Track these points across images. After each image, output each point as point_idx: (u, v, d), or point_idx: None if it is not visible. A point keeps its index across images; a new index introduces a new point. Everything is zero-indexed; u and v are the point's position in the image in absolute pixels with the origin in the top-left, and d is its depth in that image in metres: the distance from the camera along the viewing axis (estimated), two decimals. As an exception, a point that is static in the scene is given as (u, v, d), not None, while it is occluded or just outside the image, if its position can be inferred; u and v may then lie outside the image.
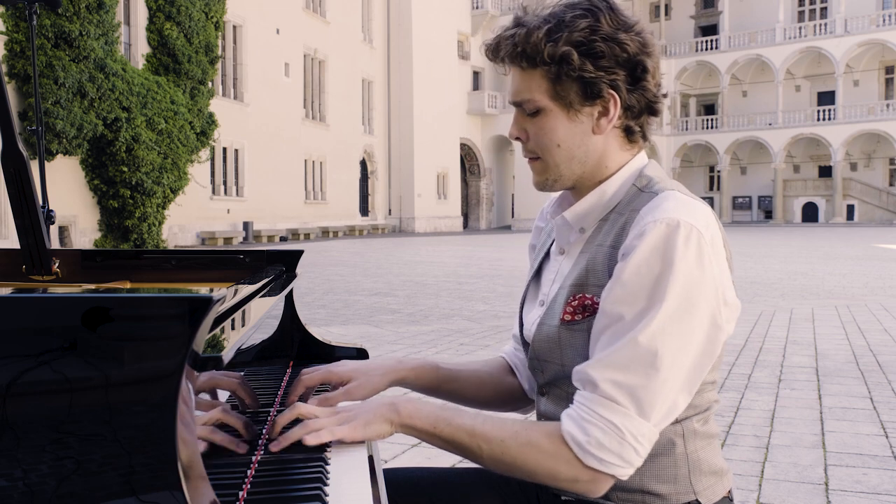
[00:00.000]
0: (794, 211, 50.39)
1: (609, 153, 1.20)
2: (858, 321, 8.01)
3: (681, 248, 1.06)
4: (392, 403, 1.15)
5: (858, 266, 15.75)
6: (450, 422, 1.13)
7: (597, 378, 1.07)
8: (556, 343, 1.20)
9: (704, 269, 1.07)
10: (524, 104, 1.19)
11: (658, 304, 1.05)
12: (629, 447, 1.07)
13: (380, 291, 11.34)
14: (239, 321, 1.07)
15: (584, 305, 1.16)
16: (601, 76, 1.13)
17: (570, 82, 1.14)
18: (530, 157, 1.22)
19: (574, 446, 1.08)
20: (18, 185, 1.55)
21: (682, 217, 1.08)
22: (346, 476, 1.04)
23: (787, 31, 48.18)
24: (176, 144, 22.17)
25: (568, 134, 1.17)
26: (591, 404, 1.08)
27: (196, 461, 0.78)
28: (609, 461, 1.07)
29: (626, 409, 1.06)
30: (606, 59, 1.12)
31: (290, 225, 31.43)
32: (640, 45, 1.15)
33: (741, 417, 4.20)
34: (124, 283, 1.65)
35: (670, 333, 1.06)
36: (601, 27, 1.13)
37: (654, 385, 1.06)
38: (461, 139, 42.96)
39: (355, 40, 36.63)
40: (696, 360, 1.09)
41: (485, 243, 28.10)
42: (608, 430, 1.06)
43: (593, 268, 1.16)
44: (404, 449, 3.55)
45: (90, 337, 0.75)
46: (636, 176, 1.21)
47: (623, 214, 1.16)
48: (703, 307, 1.07)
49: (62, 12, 18.11)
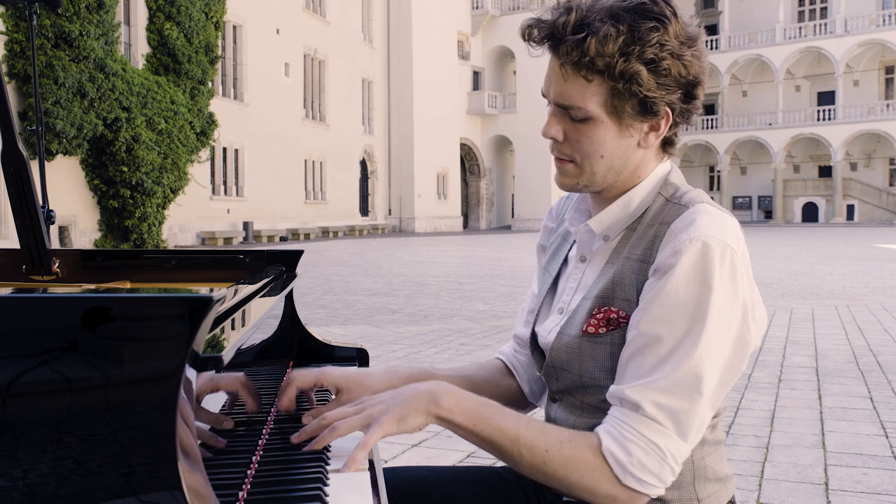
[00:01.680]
0: (794, 211, 50.40)
1: (645, 164, 1.18)
2: (858, 321, 8.01)
3: (717, 269, 1.05)
4: (430, 392, 1.09)
5: (858, 266, 15.76)
6: (491, 422, 1.09)
7: (640, 400, 1.06)
8: (576, 354, 1.18)
9: (738, 288, 1.07)
10: (571, 109, 1.13)
11: (700, 327, 1.05)
12: (668, 468, 1.07)
13: (380, 291, 11.34)
14: (239, 321, 1.07)
15: (609, 319, 1.14)
16: (662, 95, 1.10)
17: (630, 98, 1.10)
18: (564, 158, 1.17)
19: (615, 465, 1.06)
20: (18, 185, 1.55)
21: (717, 235, 1.07)
22: (347, 476, 1.04)
23: (787, 31, 48.19)
24: (176, 144, 22.17)
25: (615, 146, 1.14)
26: (633, 423, 1.07)
27: (196, 461, 0.78)
28: (648, 482, 1.06)
29: (668, 431, 1.06)
30: (671, 78, 1.09)
31: (290, 225, 31.43)
32: (698, 64, 1.11)
33: (741, 417, 4.20)
34: (124, 283, 1.65)
35: (712, 356, 1.06)
36: (669, 42, 1.08)
37: (696, 407, 1.06)
38: (461, 139, 42.96)
39: (355, 40, 36.63)
40: (725, 377, 1.09)
41: (485, 243, 28.10)
42: (651, 451, 1.06)
43: (620, 281, 1.14)
44: (404, 449, 3.55)
45: (90, 337, 0.75)
46: (661, 184, 1.19)
47: (653, 227, 1.14)
48: (735, 325, 1.08)
49: (62, 12, 18.11)
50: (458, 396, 1.10)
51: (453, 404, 1.09)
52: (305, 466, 1.04)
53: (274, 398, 1.39)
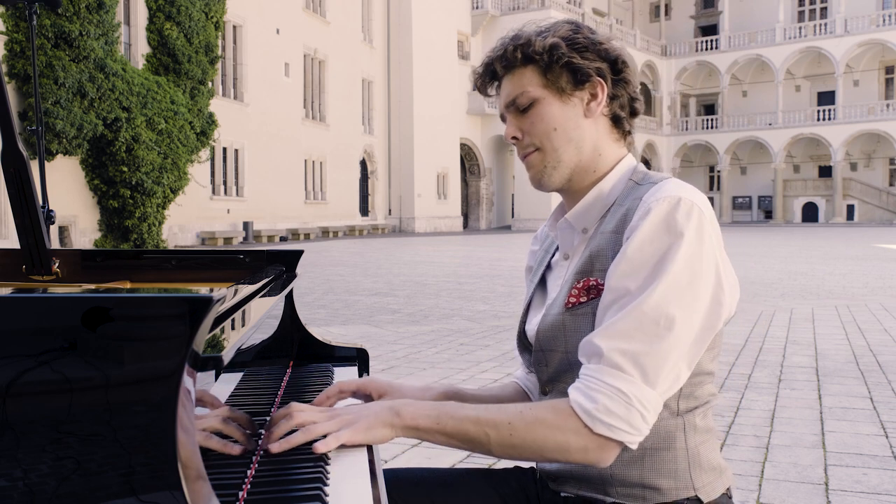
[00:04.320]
0: (794, 211, 50.40)
1: (601, 140, 1.27)
2: (858, 321, 8.01)
3: (682, 222, 1.11)
4: (392, 407, 1.14)
5: (858, 266, 15.76)
6: (452, 415, 1.13)
7: (602, 347, 1.10)
8: (561, 330, 1.21)
9: (704, 242, 1.12)
10: (517, 100, 1.25)
11: (661, 274, 1.09)
12: (636, 413, 1.08)
13: (380, 291, 11.34)
14: (239, 321, 1.07)
15: (589, 287, 1.19)
16: (587, 63, 1.23)
17: (560, 70, 1.23)
18: (527, 151, 1.27)
19: (582, 414, 1.09)
20: (18, 185, 1.55)
21: (684, 194, 1.14)
22: (346, 476, 1.04)
23: (787, 31, 48.20)
24: (176, 144, 22.17)
25: (562, 116, 1.24)
26: (597, 374, 1.10)
27: (196, 461, 0.78)
28: (617, 426, 1.09)
29: (632, 377, 1.09)
30: (590, 51, 1.24)
31: (290, 225, 31.43)
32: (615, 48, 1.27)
33: (741, 417, 4.20)
34: (124, 283, 1.65)
35: (674, 302, 1.09)
36: (581, 30, 1.27)
37: (659, 352, 1.09)
38: (461, 139, 42.95)
39: (355, 40, 36.63)
40: (698, 333, 1.12)
41: (485, 243, 28.10)
42: (615, 396, 1.08)
43: (598, 253, 1.20)
44: (404, 449, 3.55)
45: (90, 337, 0.75)
46: (631, 172, 1.27)
47: (624, 205, 1.21)
48: (704, 279, 1.11)
49: (62, 12, 18.11)
50: (418, 405, 1.16)
51: (414, 411, 1.14)
52: (305, 466, 1.04)
53: (274, 398, 1.39)
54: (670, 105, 52.14)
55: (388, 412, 1.14)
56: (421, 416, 1.13)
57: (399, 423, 1.13)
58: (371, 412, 1.14)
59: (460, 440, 1.13)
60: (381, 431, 1.13)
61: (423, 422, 1.13)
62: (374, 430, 1.12)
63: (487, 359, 5.95)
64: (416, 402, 1.16)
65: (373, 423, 1.13)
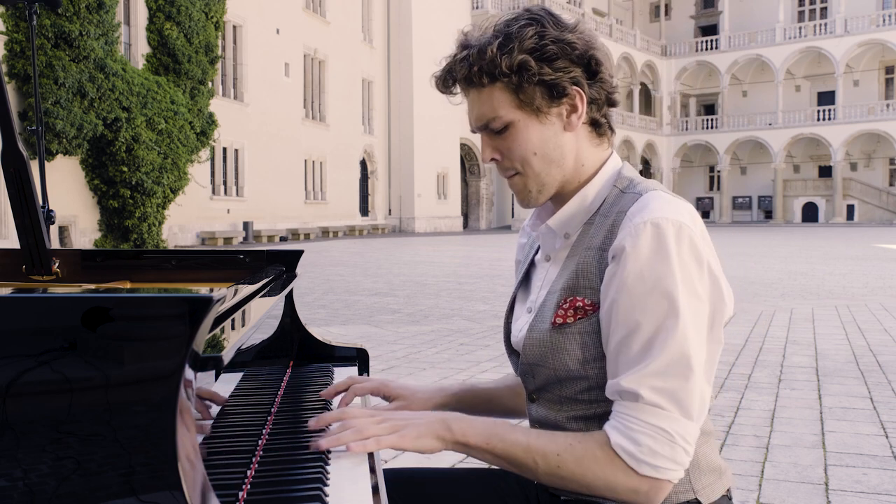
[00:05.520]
0: (794, 211, 50.40)
1: (582, 150, 1.21)
2: (858, 321, 8.01)
3: (674, 247, 1.08)
4: (444, 420, 1.14)
5: (858, 266, 15.76)
6: (503, 438, 1.12)
7: (637, 388, 1.08)
8: (548, 348, 1.19)
9: (702, 261, 1.10)
10: (490, 124, 1.19)
11: (675, 306, 1.07)
12: (680, 449, 1.08)
13: (380, 291, 11.34)
14: (239, 321, 1.07)
15: (576, 307, 1.17)
16: (561, 76, 1.15)
17: (533, 88, 1.15)
18: (509, 174, 1.22)
19: (627, 458, 1.08)
20: (18, 185, 1.55)
21: (669, 215, 1.10)
22: (347, 476, 1.04)
23: (787, 31, 48.21)
24: (176, 144, 22.17)
25: (541, 138, 1.18)
26: (636, 413, 1.08)
27: (196, 461, 0.78)
28: (664, 467, 1.08)
29: (671, 413, 1.07)
30: (561, 59, 1.15)
31: (290, 225, 31.43)
32: (586, 42, 1.17)
33: (741, 417, 4.20)
34: (124, 283, 1.65)
35: (693, 332, 1.08)
36: (547, 31, 1.15)
37: (691, 384, 1.08)
38: (461, 139, 42.94)
39: (355, 40, 36.62)
40: (712, 349, 1.13)
41: (485, 243, 28.10)
42: (658, 436, 1.07)
43: (583, 271, 1.17)
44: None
45: (90, 337, 0.75)
46: (615, 177, 1.23)
47: (609, 216, 1.17)
48: (707, 298, 1.11)
49: (62, 12, 18.10)
50: (469, 421, 1.15)
51: (466, 428, 1.13)
52: (305, 466, 1.04)
53: (274, 398, 1.39)
54: (670, 105, 52.15)
55: (440, 424, 1.13)
56: (472, 433, 1.13)
57: (450, 438, 1.13)
58: (422, 422, 1.13)
59: (508, 462, 1.13)
60: (429, 442, 1.12)
61: (473, 440, 1.13)
62: (423, 440, 1.12)
63: (487, 359, 5.95)
64: (469, 418, 1.15)
65: (423, 433, 1.12)
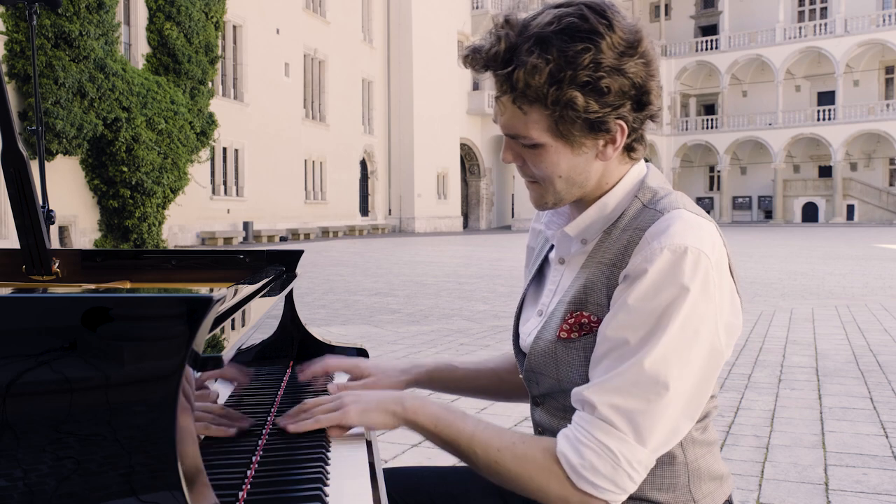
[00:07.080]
0: (794, 211, 50.39)
1: (609, 171, 1.16)
2: (858, 321, 8.01)
3: (688, 276, 1.04)
4: (399, 397, 1.15)
5: (858, 266, 15.75)
6: (450, 424, 1.13)
7: (595, 401, 1.05)
8: (553, 358, 1.18)
9: (710, 297, 1.05)
10: (520, 138, 1.12)
11: (662, 331, 1.03)
12: (623, 473, 1.04)
13: (380, 291, 11.34)
14: (239, 321, 1.07)
15: (582, 324, 1.14)
16: (607, 112, 1.07)
17: (574, 121, 1.07)
18: (529, 179, 1.17)
19: (567, 468, 1.06)
20: (18, 185, 1.55)
21: (690, 242, 1.05)
22: (347, 476, 1.04)
23: (787, 31, 48.19)
24: (176, 144, 22.16)
25: (570, 165, 1.12)
26: (588, 427, 1.06)
27: (196, 461, 0.78)
28: (602, 486, 1.05)
29: (624, 434, 1.04)
30: (613, 94, 1.06)
31: (290, 225, 31.42)
32: (644, 69, 1.08)
33: (741, 417, 4.20)
34: (124, 283, 1.65)
35: (673, 360, 1.04)
36: (605, 59, 1.04)
37: (654, 411, 1.04)
38: (461, 139, 42.96)
39: (355, 40, 36.62)
40: (698, 387, 1.07)
41: (485, 243, 28.09)
42: (603, 454, 1.04)
43: (592, 286, 1.14)
44: (404, 449, 3.55)
45: (90, 337, 0.75)
46: (638, 188, 1.17)
47: (627, 231, 1.13)
48: (704, 335, 1.05)
49: (62, 12, 18.10)
50: (424, 402, 1.15)
51: (417, 407, 1.14)
52: (305, 466, 1.04)
53: (274, 398, 1.39)
54: (670, 105, 52.12)
55: (392, 401, 1.15)
56: (423, 413, 1.14)
57: (401, 414, 1.14)
58: (373, 398, 1.15)
59: (452, 449, 1.14)
60: (378, 416, 1.14)
61: (422, 419, 1.14)
62: (370, 415, 1.14)
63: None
64: (424, 399, 1.16)
65: (371, 409, 1.14)
